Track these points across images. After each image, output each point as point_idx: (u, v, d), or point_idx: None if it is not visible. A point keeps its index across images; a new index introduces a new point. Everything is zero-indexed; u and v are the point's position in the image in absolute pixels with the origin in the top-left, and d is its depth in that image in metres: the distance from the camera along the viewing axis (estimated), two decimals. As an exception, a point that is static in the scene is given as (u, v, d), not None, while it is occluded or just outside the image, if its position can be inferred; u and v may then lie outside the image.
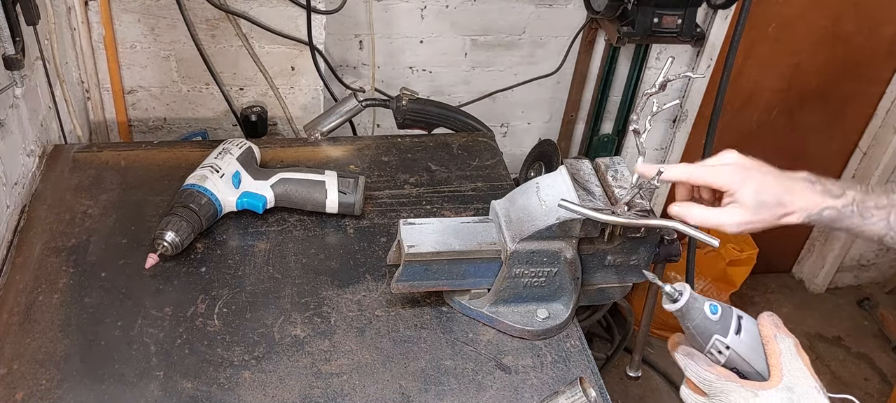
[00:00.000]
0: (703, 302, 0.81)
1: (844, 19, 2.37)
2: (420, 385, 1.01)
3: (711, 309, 0.81)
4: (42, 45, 1.38)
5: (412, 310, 1.12)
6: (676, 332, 0.86)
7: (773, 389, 0.76)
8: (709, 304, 0.81)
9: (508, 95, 2.17)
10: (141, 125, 1.78)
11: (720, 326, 0.81)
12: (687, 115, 2.34)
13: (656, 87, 0.97)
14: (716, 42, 2.16)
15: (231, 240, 1.21)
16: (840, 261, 3.02)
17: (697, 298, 0.81)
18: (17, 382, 0.96)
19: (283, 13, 1.65)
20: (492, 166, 1.46)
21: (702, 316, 0.80)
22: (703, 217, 0.92)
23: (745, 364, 0.81)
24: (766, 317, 0.83)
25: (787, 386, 0.76)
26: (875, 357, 2.88)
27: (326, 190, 1.24)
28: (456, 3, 1.96)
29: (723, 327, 0.81)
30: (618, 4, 1.83)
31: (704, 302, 0.81)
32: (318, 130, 1.48)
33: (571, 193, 1.03)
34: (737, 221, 0.91)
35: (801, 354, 0.80)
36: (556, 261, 1.04)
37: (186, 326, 1.05)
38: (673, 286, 0.81)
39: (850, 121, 2.70)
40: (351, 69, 2.02)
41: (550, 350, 1.08)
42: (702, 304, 0.81)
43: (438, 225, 1.07)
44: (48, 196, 1.28)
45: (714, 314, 0.81)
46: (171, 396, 0.96)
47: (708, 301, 0.81)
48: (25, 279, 1.11)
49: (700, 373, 0.79)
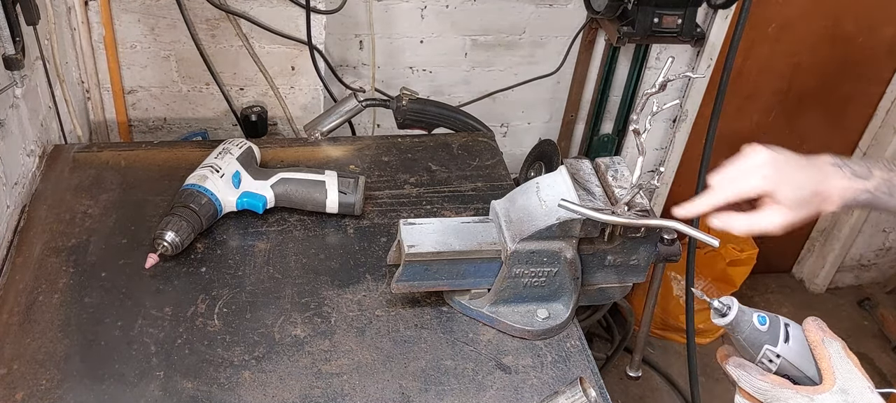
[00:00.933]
0: (750, 313, 0.82)
1: (844, 19, 2.37)
2: (420, 385, 1.01)
3: (759, 320, 0.81)
4: (42, 45, 1.38)
5: (412, 310, 1.12)
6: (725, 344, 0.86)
7: (827, 392, 0.77)
8: (757, 315, 0.82)
9: (508, 95, 2.17)
10: (141, 125, 1.78)
11: (769, 336, 0.81)
12: (687, 115, 2.34)
13: (656, 87, 0.97)
14: (716, 42, 2.16)
15: (231, 240, 1.21)
16: (840, 261, 3.02)
17: (745, 310, 0.82)
18: (17, 382, 0.96)
19: (283, 13, 1.65)
20: (492, 166, 1.46)
21: (751, 327, 0.81)
22: (746, 225, 0.91)
23: (796, 371, 0.81)
24: (812, 322, 0.83)
25: (842, 389, 0.77)
26: (875, 357, 2.88)
27: (326, 190, 1.24)
28: (456, 3, 1.96)
29: (772, 336, 0.81)
30: (618, 4, 1.83)
31: (752, 313, 0.82)
32: (318, 130, 1.48)
33: (571, 193, 1.03)
34: (780, 222, 0.90)
35: (850, 356, 0.80)
36: (556, 261, 1.04)
37: (186, 326, 1.05)
38: (720, 300, 0.82)
39: (850, 121, 2.70)
40: (351, 69, 2.02)
41: (550, 350, 1.08)
42: (750, 316, 0.81)
43: (438, 225, 1.07)
44: (48, 196, 1.28)
45: (762, 325, 0.81)
46: (171, 396, 0.96)
47: (755, 312, 0.82)
48: (25, 279, 1.11)
49: (754, 383, 0.80)
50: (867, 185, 0.92)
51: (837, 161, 0.93)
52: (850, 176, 0.92)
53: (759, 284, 3.08)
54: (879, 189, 0.92)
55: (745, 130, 2.60)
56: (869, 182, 0.92)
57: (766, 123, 2.60)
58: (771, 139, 2.75)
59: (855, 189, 0.92)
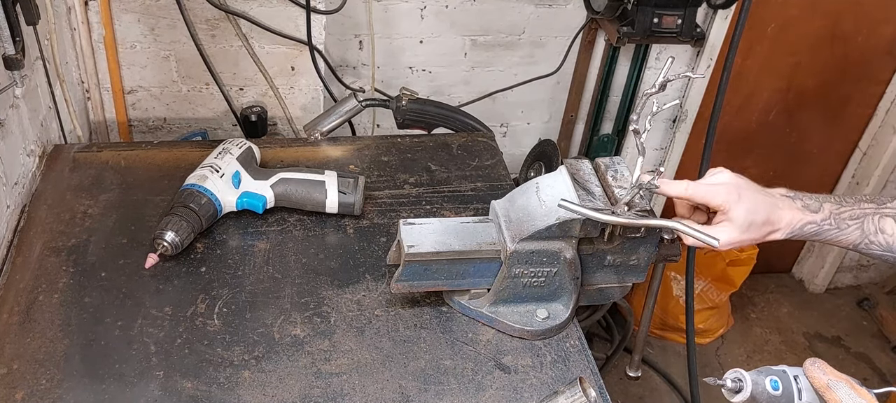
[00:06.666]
0: (763, 381, 0.82)
1: (844, 19, 2.37)
2: (420, 385, 1.01)
3: (773, 385, 0.82)
4: (42, 45, 1.38)
5: (412, 310, 1.12)
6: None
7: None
8: (769, 381, 0.83)
9: (508, 95, 2.17)
10: (141, 125, 1.78)
11: (785, 398, 0.82)
12: (687, 115, 2.34)
13: (656, 87, 0.97)
14: (716, 42, 2.16)
15: (231, 240, 1.21)
16: (840, 261, 3.02)
17: (758, 381, 0.82)
18: (17, 382, 0.96)
19: (283, 13, 1.65)
20: (492, 166, 1.46)
21: (767, 396, 0.82)
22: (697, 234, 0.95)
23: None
24: (812, 367, 0.83)
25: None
26: (874, 357, 2.88)
27: (326, 190, 1.24)
28: (456, 3, 1.96)
29: (787, 398, 0.82)
30: (618, 4, 1.83)
31: (765, 380, 0.82)
32: (318, 130, 1.48)
33: (571, 193, 1.03)
34: (727, 240, 0.96)
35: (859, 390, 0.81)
36: (556, 261, 1.04)
37: (186, 326, 1.05)
38: (730, 377, 0.83)
39: (850, 121, 2.70)
40: (351, 69, 2.02)
41: (550, 350, 1.08)
42: (763, 385, 0.82)
43: (438, 225, 1.07)
44: (48, 196, 1.28)
45: (776, 390, 0.82)
46: (171, 396, 0.96)
47: (766, 377, 0.83)
48: (25, 279, 1.11)
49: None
50: (815, 218, 0.99)
51: (791, 193, 1.00)
52: (801, 208, 0.99)
53: (759, 284, 3.08)
54: (826, 222, 0.99)
55: (745, 130, 2.60)
56: (817, 215, 0.99)
57: (765, 123, 2.60)
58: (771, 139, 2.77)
59: (803, 220, 0.98)
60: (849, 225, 1.00)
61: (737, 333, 2.89)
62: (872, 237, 1.00)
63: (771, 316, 3.01)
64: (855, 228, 1.00)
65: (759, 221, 0.96)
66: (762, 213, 0.96)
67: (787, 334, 2.94)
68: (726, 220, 0.96)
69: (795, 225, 0.98)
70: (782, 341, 2.91)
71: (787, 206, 0.98)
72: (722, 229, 0.96)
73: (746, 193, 0.96)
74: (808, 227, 0.99)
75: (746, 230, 0.95)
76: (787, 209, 0.98)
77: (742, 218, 0.95)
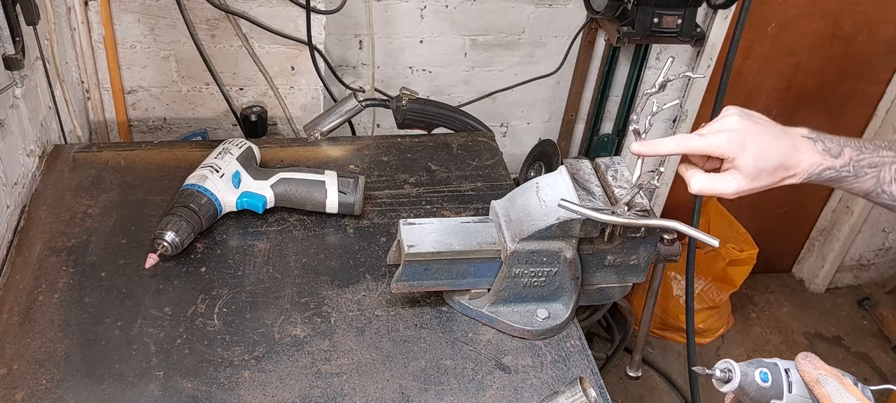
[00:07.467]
0: (752, 373, 0.83)
1: (844, 19, 2.37)
2: (420, 385, 1.01)
3: (762, 377, 0.83)
4: (42, 45, 1.38)
5: (412, 310, 1.12)
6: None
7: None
8: (758, 372, 0.83)
9: (508, 95, 2.17)
10: (141, 125, 1.78)
11: (774, 391, 0.83)
12: (687, 115, 2.34)
13: (656, 87, 0.97)
14: (716, 42, 2.16)
15: (231, 240, 1.21)
16: (840, 261, 3.02)
17: (747, 372, 0.83)
18: (17, 382, 0.96)
19: (283, 13, 1.65)
20: (492, 166, 1.46)
21: (755, 387, 0.83)
22: (702, 184, 0.92)
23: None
24: (804, 361, 0.83)
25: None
26: (875, 356, 2.88)
27: (326, 190, 1.24)
28: (456, 3, 1.96)
29: (777, 390, 0.83)
30: (618, 4, 1.83)
31: (754, 371, 0.83)
32: (318, 130, 1.48)
33: (571, 193, 1.03)
34: (734, 189, 0.91)
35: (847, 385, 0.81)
36: (556, 261, 1.04)
37: (186, 326, 1.05)
38: (719, 368, 0.84)
39: (850, 121, 2.70)
40: (351, 69, 2.02)
41: (550, 350, 1.08)
42: (753, 376, 0.83)
43: (438, 225, 1.07)
44: (48, 196, 1.28)
45: (765, 382, 0.83)
46: (171, 396, 0.96)
47: (757, 368, 0.83)
48: (25, 279, 1.11)
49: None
50: (834, 163, 0.93)
51: (813, 134, 0.94)
52: (822, 151, 0.93)
53: (759, 284, 3.08)
54: (845, 168, 0.94)
55: (745, 130, 2.59)
56: (837, 160, 0.93)
57: (765, 123, 2.60)
58: (771, 139, 2.73)
59: (823, 165, 0.93)
60: (866, 174, 0.95)
61: (737, 333, 2.90)
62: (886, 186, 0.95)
63: (771, 315, 3.01)
64: (871, 176, 0.95)
65: (771, 167, 0.90)
66: (774, 158, 0.90)
67: (788, 334, 2.94)
68: (733, 169, 0.91)
69: (814, 171, 0.93)
70: (782, 341, 2.90)
71: (807, 149, 0.92)
72: (729, 178, 0.91)
73: (753, 139, 0.90)
74: (827, 173, 0.93)
75: (756, 177, 0.90)
76: (808, 152, 0.92)
77: (750, 166, 0.90)
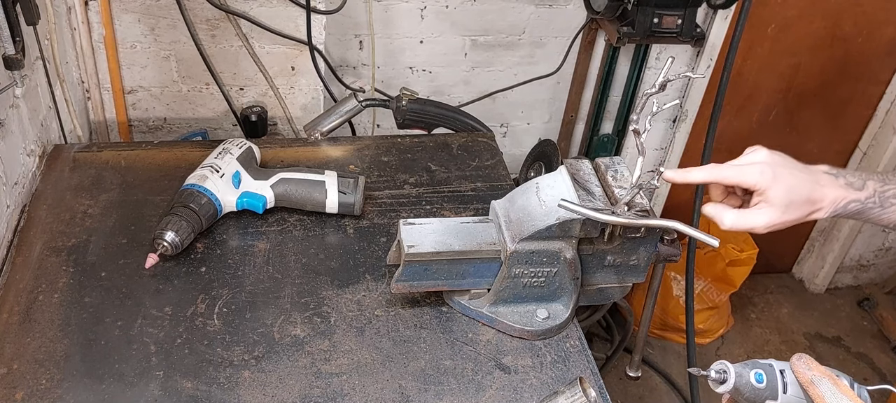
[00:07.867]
0: (747, 374, 0.83)
1: (844, 20, 2.37)
2: (420, 385, 1.01)
3: (757, 378, 0.83)
4: (42, 45, 1.38)
5: (412, 310, 1.12)
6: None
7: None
8: (753, 373, 0.83)
9: (508, 95, 2.17)
10: (141, 125, 1.79)
11: (769, 391, 0.83)
12: (687, 115, 2.34)
13: (656, 87, 0.97)
14: (716, 42, 2.16)
15: (231, 240, 1.21)
16: (840, 262, 3.02)
17: (742, 373, 0.83)
18: (17, 382, 0.96)
19: (283, 13, 1.65)
20: (492, 166, 1.46)
21: (750, 388, 0.83)
22: (734, 220, 0.93)
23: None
24: (798, 362, 0.84)
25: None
26: (875, 357, 2.88)
27: (326, 190, 1.24)
28: (456, 3, 1.96)
29: (772, 391, 0.83)
30: (618, 4, 1.83)
31: (749, 372, 0.83)
32: (318, 130, 1.48)
33: (571, 193, 1.03)
34: (766, 222, 0.92)
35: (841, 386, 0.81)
36: (556, 261, 1.04)
37: (186, 326, 1.05)
38: (715, 368, 0.84)
39: (850, 121, 2.70)
40: (351, 69, 2.02)
41: (550, 350, 1.08)
42: (747, 377, 0.83)
43: (438, 225, 1.07)
44: (48, 196, 1.28)
45: (760, 383, 0.83)
46: (171, 396, 0.96)
47: (752, 369, 0.84)
48: (25, 279, 1.11)
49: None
50: (859, 196, 0.95)
51: (834, 170, 0.96)
52: (844, 185, 0.95)
53: (759, 284, 3.08)
54: (870, 200, 0.96)
55: (745, 130, 2.60)
56: (861, 193, 0.95)
57: (766, 123, 2.60)
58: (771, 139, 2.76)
59: (847, 198, 0.95)
60: (893, 204, 0.96)
61: (737, 333, 2.90)
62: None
63: (771, 316, 3.01)
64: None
65: (800, 200, 0.92)
66: (803, 192, 0.92)
67: (787, 334, 2.94)
68: (763, 201, 0.92)
69: (839, 204, 0.94)
70: (782, 341, 2.90)
71: (830, 184, 0.94)
72: (760, 211, 0.92)
73: (784, 171, 0.92)
74: (852, 205, 0.95)
75: (786, 210, 0.92)
76: (831, 187, 0.94)
77: (782, 198, 0.91)
